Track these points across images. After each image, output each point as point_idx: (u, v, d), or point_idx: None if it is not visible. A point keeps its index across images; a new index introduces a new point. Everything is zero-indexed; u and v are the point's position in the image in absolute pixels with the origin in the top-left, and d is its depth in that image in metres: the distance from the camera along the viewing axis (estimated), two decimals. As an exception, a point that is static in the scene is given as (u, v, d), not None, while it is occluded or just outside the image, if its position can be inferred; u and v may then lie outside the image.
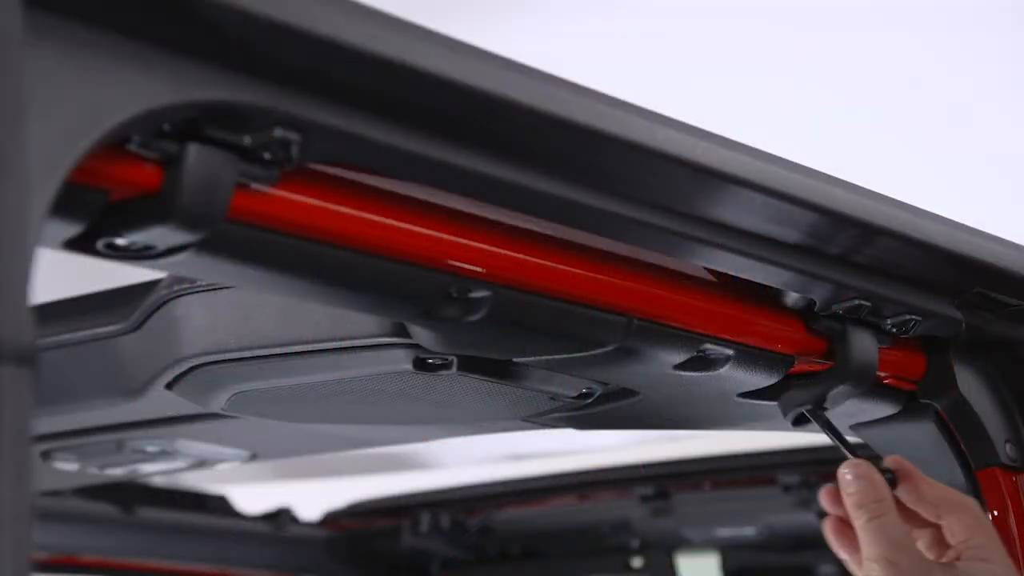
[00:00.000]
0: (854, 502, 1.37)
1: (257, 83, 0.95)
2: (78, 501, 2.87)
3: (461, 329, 1.25)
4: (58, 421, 1.80)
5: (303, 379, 1.47)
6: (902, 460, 1.41)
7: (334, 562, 3.35)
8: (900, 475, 1.40)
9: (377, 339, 1.38)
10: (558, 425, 1.64)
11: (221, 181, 0.98)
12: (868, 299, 1.40)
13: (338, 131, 1.00)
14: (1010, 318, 1.55)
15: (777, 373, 1.46)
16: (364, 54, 0.96)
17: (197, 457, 1.99)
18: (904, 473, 1.40)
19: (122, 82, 0.89)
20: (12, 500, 0.76)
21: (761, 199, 1.24)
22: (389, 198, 1.12)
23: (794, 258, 1.32)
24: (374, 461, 3.85)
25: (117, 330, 1.60)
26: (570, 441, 3.40)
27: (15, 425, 0.77)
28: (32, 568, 0.77)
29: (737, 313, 1.39)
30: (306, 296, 1.30)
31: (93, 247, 1.00)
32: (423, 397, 1.50)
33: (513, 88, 1.05)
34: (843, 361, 1.44)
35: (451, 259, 1.17)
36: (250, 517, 3.25)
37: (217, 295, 1.48)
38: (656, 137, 1.14)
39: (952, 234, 1.42)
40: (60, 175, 0.85)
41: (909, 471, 1.40)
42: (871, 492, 1.37)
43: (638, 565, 3.19)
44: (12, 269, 0.78)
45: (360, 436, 1.90)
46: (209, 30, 0.91)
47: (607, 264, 1.28)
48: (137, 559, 3.07)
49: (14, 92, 0.80)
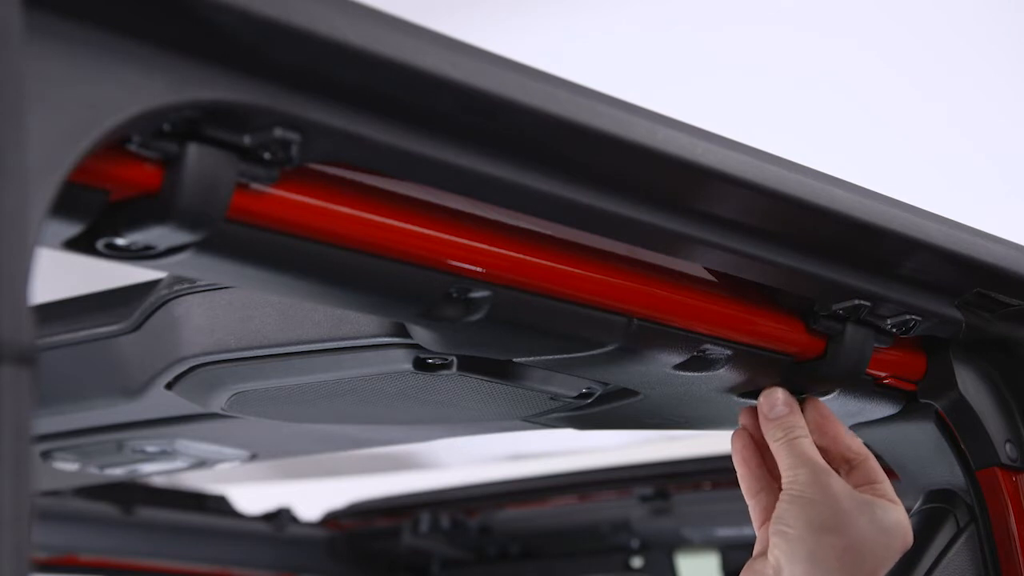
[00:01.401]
0: (776, 424, 1.45)
1: (257, 83, 0.95)
2: (78, 501, 2.87)
3: (461, 329, 1.25)
4: (58, 421, 1.80)
5: (303, 379, 1.47)
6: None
7: (334, 562, 3.36)
8: None
9: (377, 339, 1.38)
10: (558, 425, 1.64)
11: (221, 181, 0.98)
12: (868, 299, 1.40)
13: (338, 131, 1.00)
14: (1010, 318, 1.55)
15: (777, 373, 1.46)
16: (364, 54, 0.96)
17: (197, 457, 1.99)
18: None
19: (122, 82, 0.89)
20: (12, 500, 0.76)
21: (761, 199, 1.24)
22: (389, 198, 1.12)
23: (794, 258, 1.32)
24: (374, 461, 3.85)
25: (117, 330, 1.60)
26: (570, 441, 3.40)
27: (15, 425, 0.77)
28: (32, 568, 0.77)
29: (737, 313, 1.39)
30: (306, 296, 1.30)
31: (93, 247, 1.00)
32: (423, 397, 1.50)
33: (513, 88, 1.05)
34: (833, 355, 1.44)
35: (451, 259, 1.17)
36: (250, 517, 3.25)
37: (217, 295, 1.48)
38: (656, 137, 1.14)
39: (952, 234, 1.42)
40: (60, 175, 0.85)
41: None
42: (792, 418, 1.45)
43: (638, 565, 3.19)
44: (12, 269, 0.78)
45: (360, 436, 1.90)
46: (209, 30, 0.91)
47: (607, 264, 1.28)
48: (137, 559, 3.07)
49: (14, 92, 0.80)
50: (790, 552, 1.39)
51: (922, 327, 1.48)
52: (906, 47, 3.28)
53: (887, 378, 1.56)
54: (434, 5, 2.24)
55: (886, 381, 1.57)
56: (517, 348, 1.36)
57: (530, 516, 3.25)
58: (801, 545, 1.39)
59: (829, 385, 1.48)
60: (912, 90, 3.31)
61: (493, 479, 3.32)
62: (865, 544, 1.39)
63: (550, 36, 3.35)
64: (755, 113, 3.25)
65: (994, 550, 1.57)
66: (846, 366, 1.44)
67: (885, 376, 1.56)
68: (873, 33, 3.32)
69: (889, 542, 1.41)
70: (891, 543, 1.41)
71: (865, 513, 1.40)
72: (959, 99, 3.29)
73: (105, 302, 1.63)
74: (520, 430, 1.71)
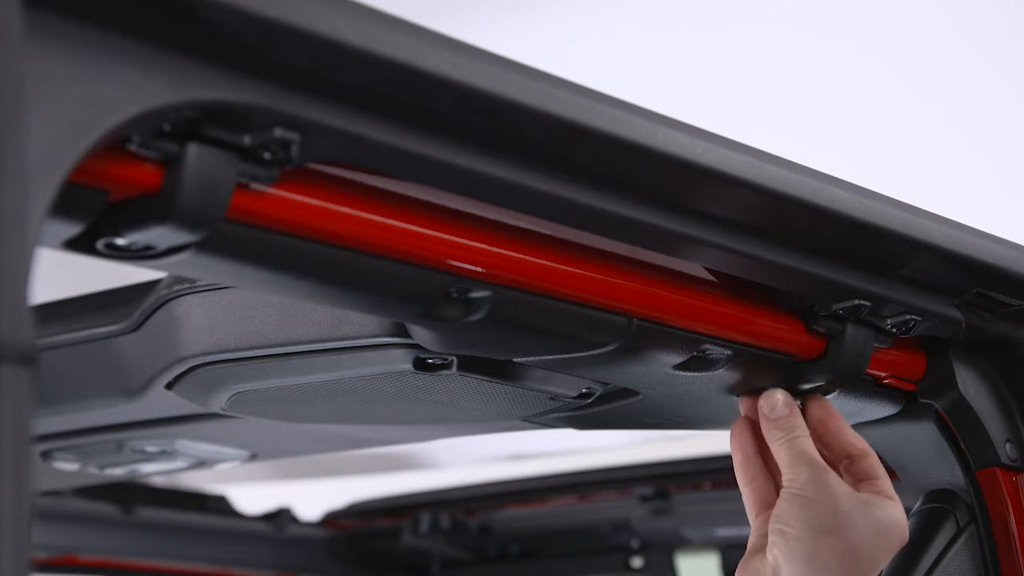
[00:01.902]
0: (777, 425, 1.45)
1: (257, 83, 0.95)
2: (78, 501, 2.87)
3: (461, 329, 1.25)
4: (58, 421, 1.80)
5: (303, 379, 1.47)
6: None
7: (334, 562, 3.36)
8: None
9: (377, 339, 1.38)
10: (558, 425, 1.64)
11: (221, 181, 0.98)
12: (868, 299, 1.40)
13: (338, 131, 1.00)
14: (1010, 318, 1.55)
15: (777, 373, 1.46)
16: (364, 54, 0.96)
17: (197, 457, 1.99)
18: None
19: (122, 82, 0.89)
20: (12, 500, 0.76)
21: (761, 199, 1.24)
22: (389, 198, 1.12)
23: (794, 258, 1.32)
24: (374, 461, 3.85)
25: (117, 330, 1.60)
26: (570, 441, 3.40)
27: (15, 425, 0.77)
28: (32, 568, 0.77)
29: (737, 313, 1.39)
30: (306, 296, 1.30)
31: (93, 247, 1.00)
32: (423, 397, 1.50)
33: (513, 88, 1.05)
34: (833, 355, 1.44)
35: (451, 259, 1.17)
36: (250, 517, 3.25)
37: (217, 295, 1.48)
38: (656, 137, 1.14)
39: (952, 234, 1.42)
40: (60, 175, 0.85)
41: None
42: (792, 419, 1.45)
43: (638, 565, 3.19)
44: (12, 269, 0.78)
45: (360, 436, 1.90)
46: (209, 30, 0.91)
47: (607, 264, 1.28)
48: (137, 559, 3.07)
49: (14, 92, 0.80)
50: (788, 552, 1.39)
51: (922, 327, 1.48)
52: (906, 47, 3.28)
53: (887, 378, 1.56)
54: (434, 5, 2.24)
55: (886, 381, 1.57)
56: (517, 348, 1.36)
57: (530, 516, 3.25)
58: (800, 545, 1.39)
59: (829, 385, 1.48)
60: (912, 90, 3.31)
61: (493, 479, 3.32)
62: (863, 546, 1.39)
63: (550, 36, 3.35)
64: (755, 113, 3.25)
65: (994, 550, 1.57)
66: (846, 366, 1.44)
67: (885, 376, 1.56)
68: (873, 33, 3.32)
69: (885, 542, 1.41)
70: (887, 543, 1.41)
71: (863, 512, 1.40)
72: (959, 99, 3.29)
73: (105, 302, 1.63)
74: (520, 430, 1.71)
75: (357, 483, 3.76)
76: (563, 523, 3.23)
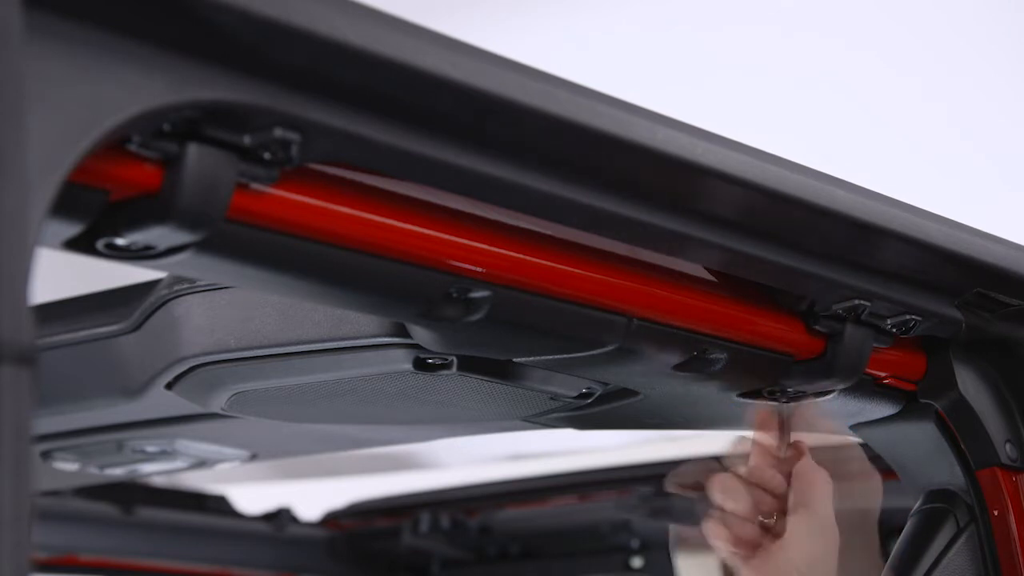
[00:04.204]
0: None
1: (257, 83, 0.95)
2: (78, 501, 2.87)
3: (461, 329, 1.25)
4: (58, 421, 1.80)
5: (303, 379, 1.47)
6: None
7: (334, 562, 3.35)
8: None
9: (377, 339, 1.38)
10: (558, 425, 1.64)
11: (221, 181, 0.98)
12: (868, 299, 1.40)
13: (338, 131, 1.00)
14: (1010, 318, 1.55)
15: (777, 373, 1.46)
16: (364, 54, 0.96)
17: (197, 457, 1.99)
18: None
19: (122, 82, 0.89)
20: (12, 500, 0.76)
21: (761, 199, 1.24)
22: (389, 198, 1.12)
23: (794, 258, 1.32)
24: (374, 461, 3.85)
25: (117, 330, 1.60)
26: (570, 441, 3.40)
27: (15, 425, 0.77)
28: (32, 568, 0.77)
29: (737, 313, 1.39)
30: (306, 296, 1.30)
31: (93, 247, 1.00)
32: (423, 397, 1.50)
33: (513, 88, 1.05)
34: (833, 355, 1.44)
35: (451, 259, 1.17)
36: (250, 517, 3.25)
37: (217, 295, 1.48)
38: (656, 137, 1.14)
39: (952, 234, 1.42)
40: (60, 175, 0.85)
41: None
42: None
43: (638, 565, 3.19)
44: (12, 269, 0.78)
45: (360, 436, 1.90)
46: (209, 30, 0.91)
47: (607, 264, 1.28)
48: (137, 559, 3.07)
49: (14, 92, 0.80)
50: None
51: (922, 327, 1.48)
52: (906, 47, 3.28)
53: (887, 378, 1.56)
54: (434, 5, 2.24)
55: (886, 381, 1.57)
56: (517, 348, 1.36)
57: (530, 516, 3.25)
58: None
59: (829, 385, 1.48)
60: (912, 90, 3.31)
61: (493, 479, 3.32)
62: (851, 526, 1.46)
63: (550, 36, 3.35)
64: (755, 113, 3.24)
65: (994, 550, 1.57)
66: (846, 366, 1.44)
67: (885, 376, 1.56)
68: (873, 33, 3.32)
69: (868, 504, 1.50)
70: (869, 504, 1.50)
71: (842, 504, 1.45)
72: (959, 99, 3.29)
73: (105, 302, 1.63)
74: (520, 430, 1.71)
75: (357, 483, 3.76)
76: (563, 523, 3.23)
